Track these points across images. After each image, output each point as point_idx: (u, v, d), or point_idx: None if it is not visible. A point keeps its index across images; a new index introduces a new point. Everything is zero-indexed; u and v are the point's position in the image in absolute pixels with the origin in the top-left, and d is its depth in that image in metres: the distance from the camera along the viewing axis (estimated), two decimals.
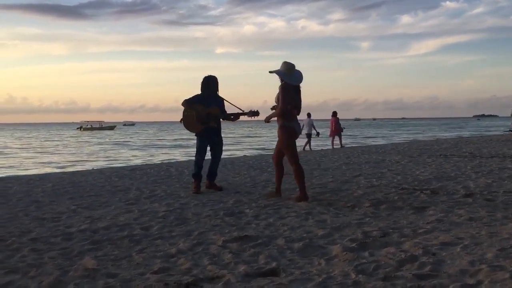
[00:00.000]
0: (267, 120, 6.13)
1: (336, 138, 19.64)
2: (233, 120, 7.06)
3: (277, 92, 5.90)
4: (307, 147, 19.02)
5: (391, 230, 4.20)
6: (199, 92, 6.85)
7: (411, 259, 3.31)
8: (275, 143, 6.36)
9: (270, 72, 5.90)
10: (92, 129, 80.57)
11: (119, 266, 3.39)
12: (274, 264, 3.29)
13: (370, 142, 30.69)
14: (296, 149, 6.08)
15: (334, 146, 19.53)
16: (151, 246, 3.92)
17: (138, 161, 19.74)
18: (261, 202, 5.83)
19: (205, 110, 6.73)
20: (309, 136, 18.92)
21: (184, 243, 3.96)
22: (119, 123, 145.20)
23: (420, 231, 4.17)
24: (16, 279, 3.15)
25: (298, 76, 5.95)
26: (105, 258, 3.58)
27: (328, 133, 20.43)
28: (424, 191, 6.34)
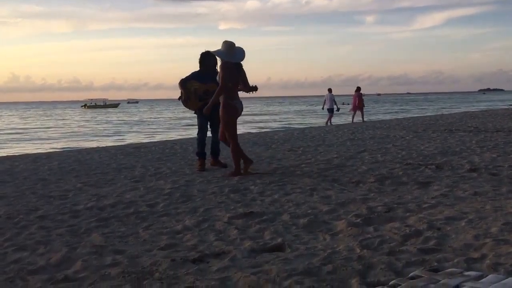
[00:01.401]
0: (210, 106, 6.17)
1: (358, 113, 20.00)
2: None
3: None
4: (329, 123, 19.56)
5: (395, 205, 4.22)
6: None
7: (415, 233, 3.33)
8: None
9: (212, 52, 6.21)
10: (96, 106, 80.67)
11: (126, 243, 3.43)
12: (279, 240, 3.32)
13: (375, 118, 30.53)
14: (235, 127, 6.26)
15: (355, 121, 19.76)
16: (157, 223, 3.96)
17: (142, 139, 19.78)
18: (266, 178, 5.85)
19: (203, 86, 6.68)
20: (331, 111, 19.40)
21: (190, 219, 4.00)
22: (123, 101, 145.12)
23: (425, 206, 4.18)
24: (25, 256, 3.19)
25: (239, 54, 6.07)
26: (112, 235, 3.62)
27: (350, 108, 20.68)
28: (429, 166, 6.34)
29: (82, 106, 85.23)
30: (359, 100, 19.77)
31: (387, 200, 4.47)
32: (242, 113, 6.39)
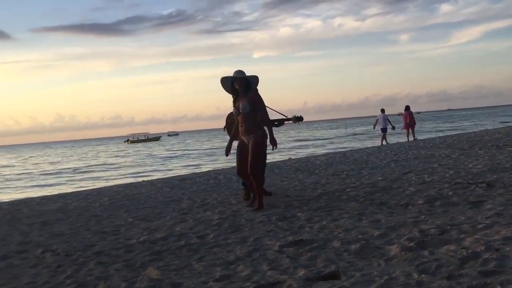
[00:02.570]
0: (275, 142, 5.89)
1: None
2: (277, 126, 7.00)
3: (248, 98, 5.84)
4: (384, 142, 19.92)
5: (449, 227, 4.12)
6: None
7: (473, 256, 3.25)
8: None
9: (245, 77, 5.91)
10: (138, 141, 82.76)
11: (181, 275, 3.50)
12: (333, 267, 3.30)
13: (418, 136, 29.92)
14: None
15: (410, 139, 19.99)
16: (209, 254, 4.02)
17: (186, 171, 20.11)
18: (312, 205, 5.84)
19: None
20: (384, 130, 19.89)
21: (241, 249, 4.03)
22: (164, 133, 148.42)
23: (480, 226, 4.07)
24: None
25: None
26: (167, 268, 3.70)
27: (402, 127, 20.77)
28: (479, 185, 6.16)
29: (125, 141, 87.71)
30: (410, 118, 20.01)
31: (439, 222, 4.37)
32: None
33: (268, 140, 5.89)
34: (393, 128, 19.91)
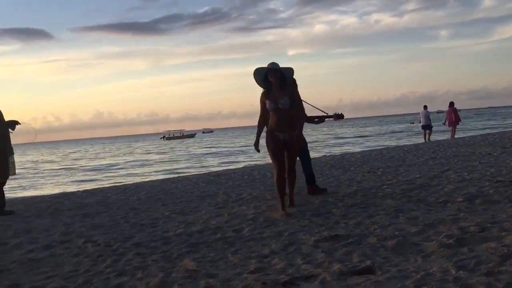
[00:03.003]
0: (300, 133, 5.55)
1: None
2: (316, 123, 6.89)
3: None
4: (426, 139, 19.95)
5: (489, 225, 4.02)
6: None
7: None
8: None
9: (280, 69, 5.43)
10: (174, 138, 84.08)
11: (217, 267, 3.55)
12: (368, 262, 3.28)
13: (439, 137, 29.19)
14: None
15: (448, 137, 20.16)
16: (244, 248, 4.06)
17: (221, 167, 20.29)
18: (347, 201, 5.80)
19: None
20: (426, 127, 19.89)
21: (276, 243, 4.06)
22: (198, 131, 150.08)
23: None
24: (125, 281, 3.41)
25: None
26: (203, 260, 3.77)
27: (447, 123, 20.26)
28: None
29: (161, 138, 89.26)
30: (455, 115, 19.63)
31: (480, 220, 4.27)
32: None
33: (295, 133, 5.48)
34: (431, 126, 19.87)
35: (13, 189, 17.43)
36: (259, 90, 5.68)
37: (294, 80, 6.37)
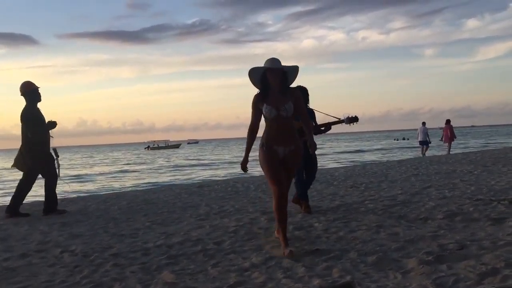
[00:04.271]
0: (315, 146, 4.52)
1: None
2: (323, 132, 6.26)
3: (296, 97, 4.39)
4: (423, 153, 20.76)
5: (468, 243, 4.05)
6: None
7: (492, 272, 3.18)
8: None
9: (283, 68, 4.36)
10: (159, 148, 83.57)
11: (196, 280, 3.51)
12: (348, 278, 3.28)
13: (437, 152, 29.58)
14: None
15: (443, 153, 21.36)
16: (224, 260, 4.02)
17: (204, 178, 20.19)
18: (330, 215, 5.80)
19: (298, 124, 5.15)
20: (424, 143, 20.76)
21: (257, 257, 4.03)
22: (184, 141, 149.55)
23: (500, 243, 3.98)
24: None
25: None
26: (183, 272, 3.72)
27: (443, 139, 21.61)
28: (501, 202, 6.04)
29: (145, 148, 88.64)
30: (451, 132, 20.85)
31: (459, 237, 4.30)
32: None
33: (308, 143, 4.53)
34: (429, 142, 20.72)
35: None
36: (247, 101, 4.75)
37: (306, 90, 6.05)
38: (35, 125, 7.12)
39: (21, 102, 7.25)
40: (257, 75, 4.40)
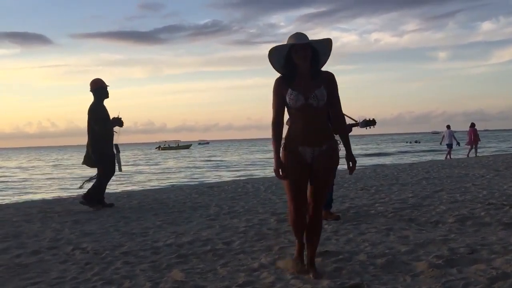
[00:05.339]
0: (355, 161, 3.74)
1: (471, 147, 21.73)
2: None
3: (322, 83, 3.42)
4: (448, 157, 20.90)
5: (479, 247, 4.02)
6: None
7: (503, 276, 3.17)
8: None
9: (311, 42, 3.37)
10: (169, 148, 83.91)
11: (205, 279, 3.53)
12: (357, 280, 3.28)
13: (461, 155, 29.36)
14: None
15: (470, 155, 21.31)
16: (234, 260, 4.04)
17: (214, 179, 20.25)
18: (340, 217, 5.79)
19: None
20: (450, 146, 20.86)
21: (266, 257, 4.04)
22: (194, 142, 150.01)
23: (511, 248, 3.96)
24: None
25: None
26: (192, 271, 3.74)
27: (466, 142, 22.13)
28: None
29: (156, 148, 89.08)
30: (474, 135, 21.11)
31: (470, 241, 4.27)
32: None
33: (346, 155, 3.65)
34: (458, 144, 20.69)
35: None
36: (257, 104, 4.14)
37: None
38: (100, 119, 7.50)
39: (32, 102, 7.44)
40: (280, 56, 3.42)
